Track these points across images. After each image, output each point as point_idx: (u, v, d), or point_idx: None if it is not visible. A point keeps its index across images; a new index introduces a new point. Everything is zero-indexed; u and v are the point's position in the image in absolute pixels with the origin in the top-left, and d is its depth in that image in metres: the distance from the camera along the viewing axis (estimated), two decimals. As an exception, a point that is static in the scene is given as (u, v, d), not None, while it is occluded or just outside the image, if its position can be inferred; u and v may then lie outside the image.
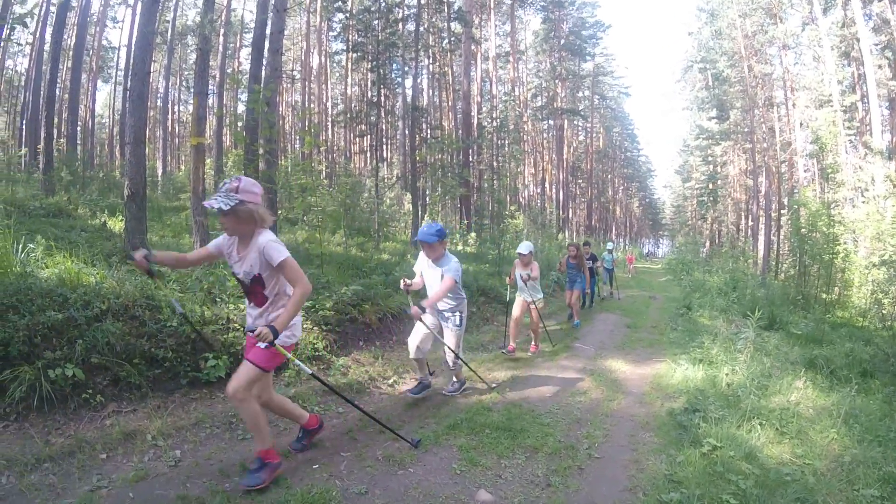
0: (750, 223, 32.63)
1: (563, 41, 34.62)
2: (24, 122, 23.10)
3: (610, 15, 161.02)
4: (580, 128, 45.85)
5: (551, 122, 38.46)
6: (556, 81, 36.05)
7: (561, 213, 36.53)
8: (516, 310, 6.99)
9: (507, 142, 27.17)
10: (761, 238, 26.40)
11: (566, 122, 38.48)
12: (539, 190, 40.51)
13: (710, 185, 38.82)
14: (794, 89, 24.70)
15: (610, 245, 16.48)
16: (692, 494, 2.89)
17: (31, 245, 4.94)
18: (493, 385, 5.23)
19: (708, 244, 39.63)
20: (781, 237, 24.90)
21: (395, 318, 6.95)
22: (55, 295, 3.98)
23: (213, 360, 4.17)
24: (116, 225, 8.34)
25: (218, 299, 5.10)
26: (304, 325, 5.45)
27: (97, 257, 5.53)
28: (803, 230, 13.67)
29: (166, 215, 11.66)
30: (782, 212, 24.31)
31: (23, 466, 2.89)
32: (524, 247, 6.96)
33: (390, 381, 5.28)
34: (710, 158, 38.47)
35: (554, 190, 39.02)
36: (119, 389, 3.74)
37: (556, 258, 18.64)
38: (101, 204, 10.46)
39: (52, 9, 18.42)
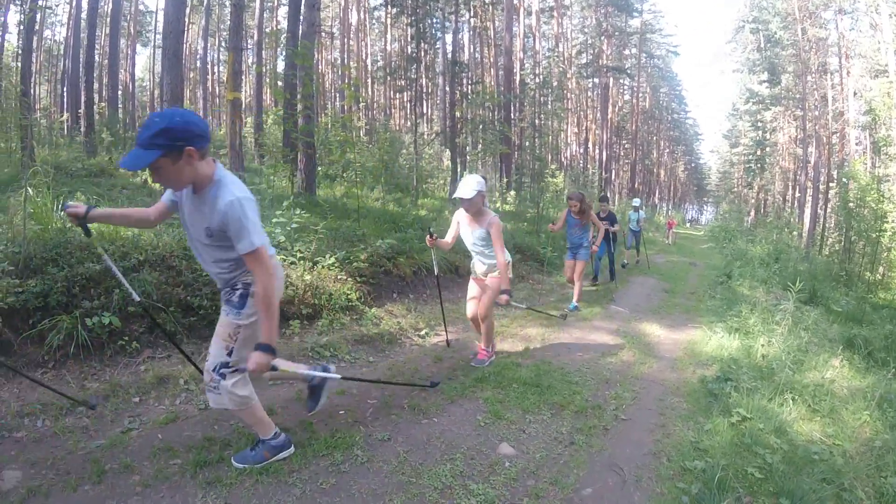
0: (797, 194, 31.20)
1: (609, -4, 33.08)
2: (65, 88, 23.79)
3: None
4: (626, 87, 44.18)
5: (596, 80, 37.19)
6: (602, 38, 34.63)
7: (603, 173, 35.64)
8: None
9: (549, 99, 26.44)
10: (807, 210, 25.31)
11: (611, 80, 37.14)
12: (582, 150, 39.52)
13: (758, 152, 37.10)
14: (849, 56, 23.20)
15: (636, 202, 14.22)
16: (717, 464, 2.82)
17: (73, 202, 5.08)
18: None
19: (753, 213, 38.06)
20: (829, 211, 23.78)
21: (430, 272, 6.97)
22: (93, 247, 4.11)
23: None
24: (157, 183, 8.54)
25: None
26: (339, 277, 5.54)
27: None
28: (851, 205, 12.99)
29: None
30: (831, 184, 23.18)
31: (58, 410, 3.04)
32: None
33: (422, 333, 5.34)
34: (759, 124, 36.68)
35: (597, 150, 38.02)
36: (155, 338, 3.87)
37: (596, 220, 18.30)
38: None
39: None
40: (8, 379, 3.26)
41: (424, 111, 29.62)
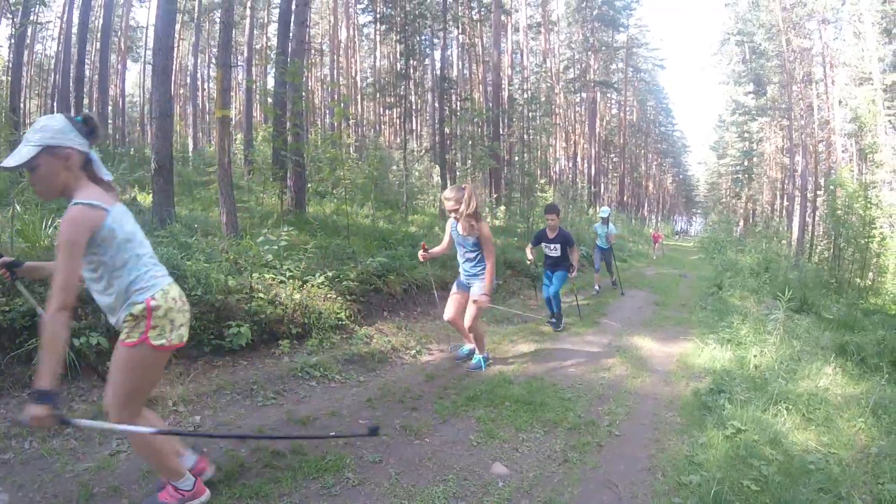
0: (785, 203, 31.57)
1: (595, 11, 33.57)
2: (55, 103, 23.68)
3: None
4: (613, 101, 44.74)
5: (584, 94, 37.58)
6: (589, 53, 35.12)
7: (592, 187, 35.87)
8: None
9: (538, 114, 26.67)
10: (796, 219, 25.58)
11: (599, 94, 37.56)
12: (571, 164, 39.81)
13: (746, 163, 37.58)
14: (834, 65, 23.60)
15: (604, 212, 11.10)
16: (712, 478, 2.81)
17: (60, 220, 5.03)
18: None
19: (742, 223, 38.46)
20: (817, 219, 24.07)
21: (420, 289, 6.96)
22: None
23: (235, 328, 4.21)
24: (146, 199, 8.49)
25: (243, 269, 5.15)
26: (329, 296, 5.50)
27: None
28: (839, 212, 13.13)
29: (196, 189, 11.82)
30: (818, 192, 23.45)
31: (45, 432, 2.98)
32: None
33: (413, 352, 5.29)
34: (746, 135, 37.17)
35: (586, 164, 38.30)
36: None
37: (587, 234, 18.39)
38: (130, 179, 10.66)
39: None
40: None
41: (414, 127, 29.76)
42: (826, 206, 15.93)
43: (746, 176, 37.66)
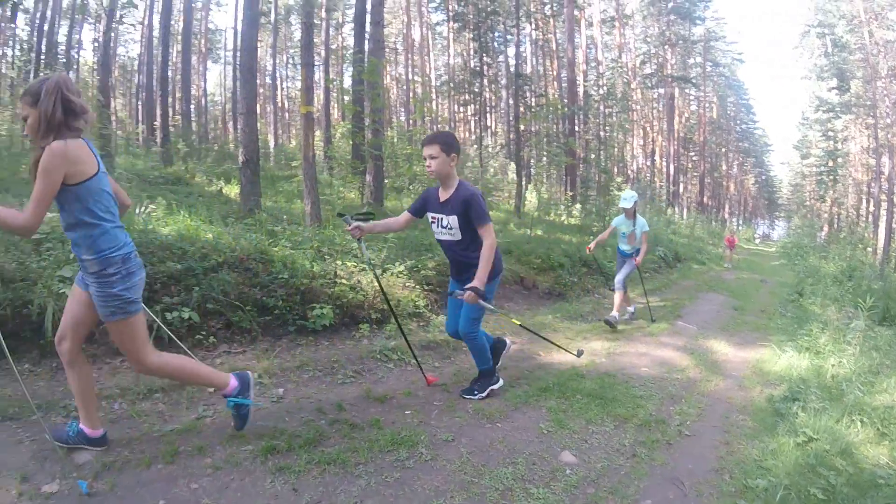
0: (871, 208, 29.10)
1: (671, 4, 32.28)
2: (140, 101, 25.56)
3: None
4: (692, 97, 42.84)
5: (661, 90, 36.29)
6: (666, 47, 33.83)
7: (671, 186, 34.60)
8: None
9: (614, 111, 26.06)
10: (882, 224, 23.53)
11: (677, 90, 36.12)
12: (649, 162, 38.56)
13: (830, 163, 34.91)
14: None
15: (628, 198, 7.03)
16: (780, 483, 2.72)
17: (153, 206, 5.52)
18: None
19: (826, 228, 35.83)
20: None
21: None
22: (175, 248, 4.44)
23: (319, 310, 4.46)
24: (231, 191, 9.10)
25: (327, 256, 5.42)
26: (407, 284, 5.68)
27: (214, 218, 6.08)
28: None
29: (278, 183, 12.44)
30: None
31: (135, 395, 3.27)
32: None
33: None
34: (829, 133, 34.54)
35: (664, 162, 37.00)
36: (231, 333, 4.12)
37: (665, 234, 17.77)
38: (216, 172, 11.40)
39: None
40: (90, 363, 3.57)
41: (489, 124, 29.81)
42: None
43: (831, 178, 35.02)
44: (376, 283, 5.23)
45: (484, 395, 3.72)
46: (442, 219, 3.52)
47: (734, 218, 56.75)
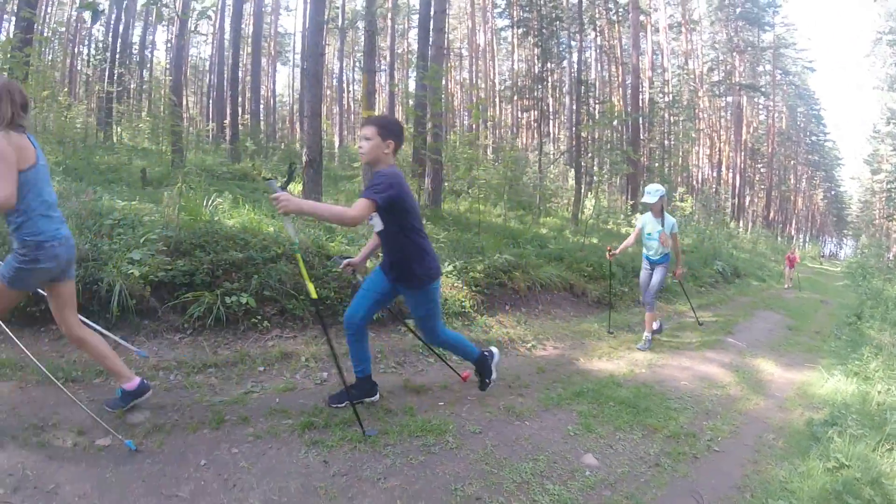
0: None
1: (739, 9, 31.09)
2: (210, 101, 26.91)
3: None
4: (761, 106, 41.06)
5: (729, 98, 35.01)
6: (734, 54, 32.63)
7: (736, 199, 33.33)
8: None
9: (679, 119, 25.38)
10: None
11: (745, 98, 34.74)
12: (714, 173, 37.28)
13: (900, 179, 32.63)
14: None
15: (654, 191, 6.03)
16: None
17: (220, 199, 5.99)
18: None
19: (895, 248, 33.47)
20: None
21: (544, 287, 7.15)
22: (238, 238, 4.87)
23: None
24: (295, 188, 9.57)
25: (380, 254, 5.69)
26: (455, 284, 5.92)
27: (275, 212, 6.49)
28: None
29: (340, 182, 12.94)
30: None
31: (190, 368, 3.63)
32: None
33: (529, 345, 5.51)
34: (902, 147, 32.33)
35: (730, 174, 35.69)
36: (283, 319, 4.46)
37: (725, 248, 17.19)
38: (282, 169, 12.01)
39: (229, 1, 20.88)
40: (149, 338, 3.97)
41: (550, 130, 29.69)
42: None
43: (901, 194, 32.79)
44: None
45: (342, 405, 3.30)
46: None
47: (800, 234, 53.84)
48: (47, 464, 2.50)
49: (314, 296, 3.13)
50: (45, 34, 18.20)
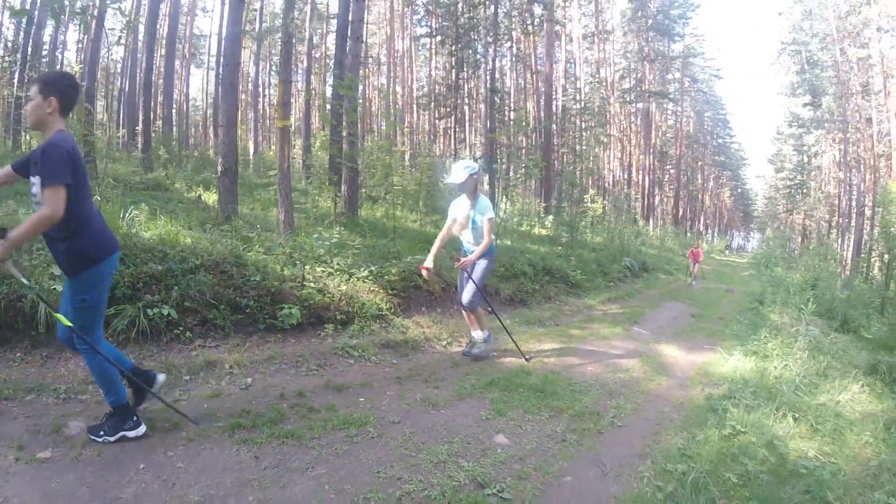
0: (841, 220, 30.26)
1: (651, 21, 33.29)
2: (121, 105, 25.58)
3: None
4: (670, 111, 43.97)
5: (639, 105, 37.24)
6: (645, 63, 34.80)
7: (646, 199, 35.44)
8: None
9: (591, 124, 26.73)
10: (852, 236, 24.47)
11: (654, 105, 37.10)
12: (626, 175, 39.43)
13: (802, 177, 36.23)
14: (891, 76, 22.51)
15: (465, 169, 5.12)
16: (699, 469, 3.00)
17: (136, 211, 5.88)
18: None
19: (799, 240, 37.01)
20: (876, 237, 23.04)
21: (457, 289, 7.37)
22: (156, 251, 4.84)
23: (287, 310, 4.86)
24: (210, 198, 9.41)
25: (297, 262, 5.80)
26: (372, 288, 6.07)
27: (193, 224, 6.46)
28: (894, 229, 12.66)
29: (256, 191, 12.75)
30: (877, 209, 22.43)
31: None
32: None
33: (444, 343, 5.77)
34: (802, 148, 35.91)
35: (640, 175, 37.89)
36: (206, 329, 4.50)
37: (633, 245, 18.30)
38: (195, 179, 11.69)
39: (144, 2, 20.07)
40: (75, 353, 3.86)
41: (466, 137, 30.36)
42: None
43: (802, 191, 36.35)
44: (342, 287, 5.61)
45: (112, 439, 2.86)
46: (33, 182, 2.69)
47: (709, 230, 58.04)
48: None
49: (68, 324, 2.78)
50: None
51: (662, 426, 3.84)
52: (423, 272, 5.19)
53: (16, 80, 19.24)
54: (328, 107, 11.89)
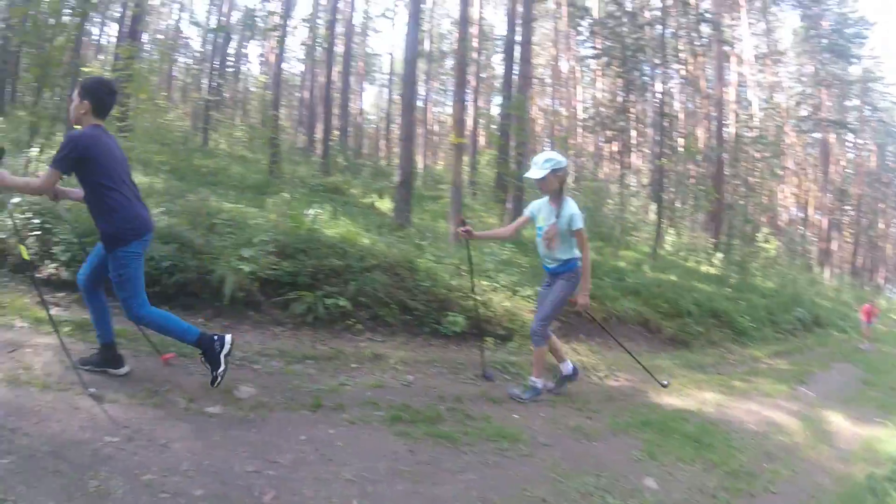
0: None
1: (825, 41, 29.57)
2: (301, 115, 28.53)
3: (874, 11, 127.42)
4: (849, 144, 38.58)
5: (816, 135, 33.31)
6: (820, 87, 31.01)
7: (823, 243, 31.57)
8: None
9: (766, 155, 24.47)
10: None
11: (833, 135, 32.96)
12: (801, 214, 35.39)
13: None
14: None
15: (539, 162, 4.18)
16: None
17: (320, 210, 6.66)
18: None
19: None
20: None
21: (620, 320, 7.34)
22: (337, 247, 5.47)
23: (452, 318, 5.24)
24: (384, 205, 10.31)
25: (464, 273, 6.08)
26: (533, 308, 6.04)
27: (371, 227, 7.13)
28: None
29: (424, 203, 13.46)
30: None
31: (290, 358, 4.15)
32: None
33: (601, 375, 5.73)
34: None
35: (817, 215, 33.84)
36: (375, 324, 5.01)
37: (807, 294, 16.29)
38: (373, 187, 12.80)
39: (320, 21, 22.17)
40: (253, 327, 4.59)
41: (632, 162, 29.39)
42: None
43: None
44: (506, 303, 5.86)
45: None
46: None
47: (890, 284, 49.88)
48: (160, 422, 2.88)
49: (26, 257, 3.56)
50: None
51: (817, 499, 3.56)
52: (461, 231, 4.45)
53: (204, 86, 22.44)
54: (493, 126, 12.38)
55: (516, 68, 11.12)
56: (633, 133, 26.22)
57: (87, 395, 2.98)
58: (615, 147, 28.61)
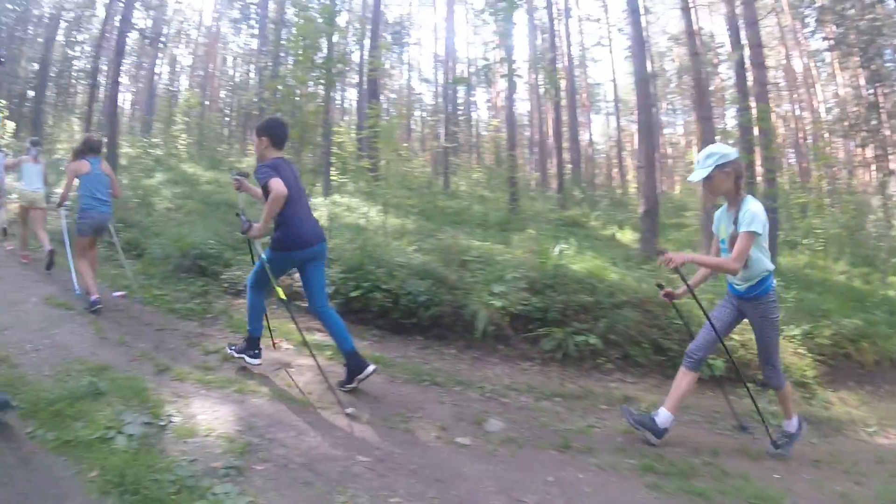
0: None
1: None
2: (531, 152, 29.41)
3: None
4: None
5: None
6: None
7: None
8: None
9: None
10: None
11: None
12: None
13: None
14: None
15: (703, 158, 3.52)
16: None
17: (565, 245, 6.78)
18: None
19: None
20: None
21: (894, 363, 6.05)
22: (585, 283, 5.48)
23: (711, 360, 4.64)
24: (625, 236, 10.05)
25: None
26: (797, 350, 5.53)
27: (615, 260, 7.02)
28: None
29: (667, 231, 12.75)
30: None
31: (539, 394, 4.24)
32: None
33: (870, 430, 4.74)
34: None
35: None
36: (626, 364, 4.89)
37: None
38: (616, 219, 12.57)
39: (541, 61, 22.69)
40: (502, 360, 4.80)
41: (891, 167, 23.71)
42: None
43: None
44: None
45: (235, 354, 4.06)
46: None
47: None
48: (411, 447, 3.02)
49: (282, 297, 3.91)
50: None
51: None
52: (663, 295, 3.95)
53: (440, 133, 24.88)
54: (731, 142, 11.29)
55: (752, 77, 10.02)
56: (888, 132, 20.93)
57: (343, 415, 3.45)
58: (869, 151, 23.11)
